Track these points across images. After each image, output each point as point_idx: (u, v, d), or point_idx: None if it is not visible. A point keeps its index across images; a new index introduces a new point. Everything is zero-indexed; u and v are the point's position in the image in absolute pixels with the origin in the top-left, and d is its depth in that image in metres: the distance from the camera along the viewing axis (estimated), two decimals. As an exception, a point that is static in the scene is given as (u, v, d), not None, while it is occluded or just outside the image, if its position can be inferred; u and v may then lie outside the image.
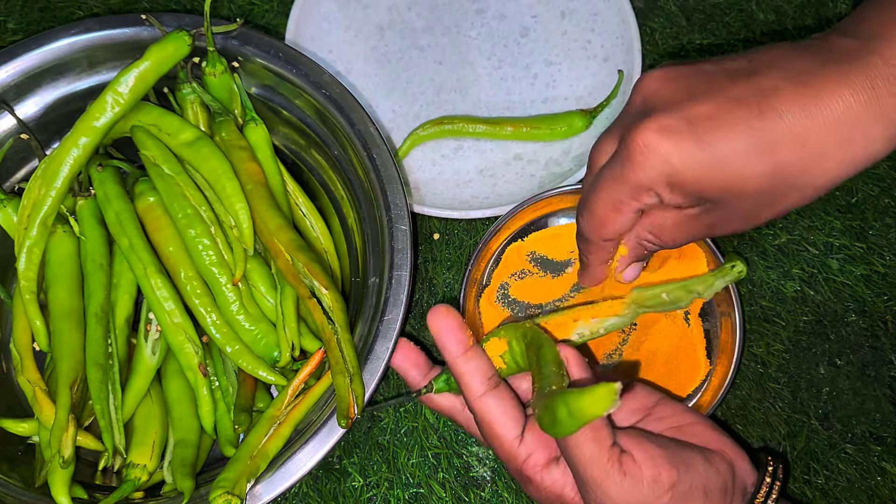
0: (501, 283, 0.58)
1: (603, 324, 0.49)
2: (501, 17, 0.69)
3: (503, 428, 0.43)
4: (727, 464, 0.43)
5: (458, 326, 0.44)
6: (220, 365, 0.54)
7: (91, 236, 0.54)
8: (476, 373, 0.43)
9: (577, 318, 0.49)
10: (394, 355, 0.48)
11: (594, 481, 0.40)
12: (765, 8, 0.68)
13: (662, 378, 0.55)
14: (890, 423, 0.57)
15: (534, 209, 0.58)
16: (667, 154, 0.36)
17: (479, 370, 0.43)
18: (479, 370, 0.43)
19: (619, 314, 0.48)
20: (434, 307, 0.44)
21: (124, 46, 0.56)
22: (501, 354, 0.45)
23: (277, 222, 0.52)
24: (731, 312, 0.55)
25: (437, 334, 0.44)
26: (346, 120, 0.54)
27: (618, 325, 0.49)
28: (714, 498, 0.41)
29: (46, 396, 0.50)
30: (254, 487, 0.48)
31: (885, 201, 0.62)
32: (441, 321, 0.44)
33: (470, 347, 0.44)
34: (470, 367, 0.44)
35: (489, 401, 0.43)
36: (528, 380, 0.46)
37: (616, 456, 0.41)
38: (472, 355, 0.44)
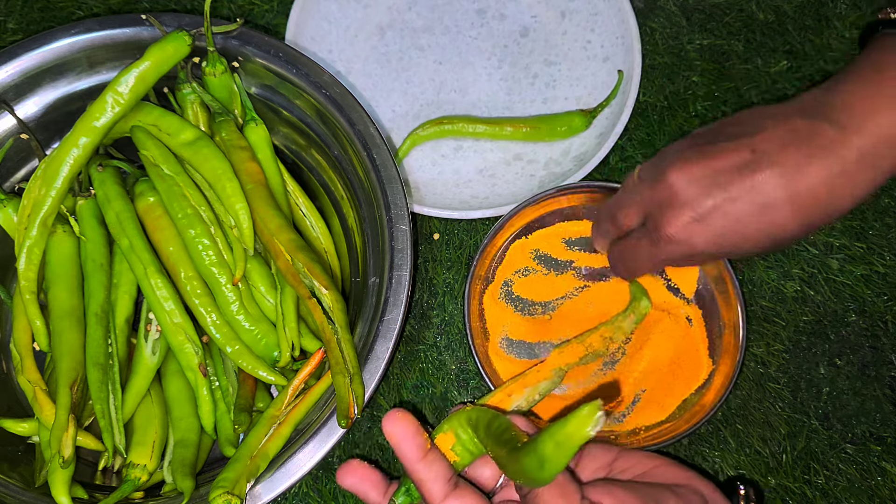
0: (505, 281, 0.58)
1: (536, 390, 0.48)
2: (501, 17, 0.69)
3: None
4: (698, 495, 0.43)
5: (415, 431, 0.43)
6: (220, 365, 0.54)
7: (91, 236, 0.54)
8: (437, 478, 0.42)
9: (510, 393, 0.48)
10: (348, 476, 0.45)
11: None
12: (765, 8, 0.68)
13: (665, 378, 0.56)
14: (890, 423, 0.57)
15: (538, 207, 0.58)
16: (689, 241, 0.46)
17: (440, 474, 0.42)
18: (439, 474, 0.42)
19: (548, 378, 0.48)
20: (389, 412, 0.43)
21: (124, 46, 0.56)
22: (452, 447, 0.43)
23: (277, 222, 0.52)
24: (732, 312, 0.55)
25: (395, 442, 0.43)
26: (346, 120, 0.54)
27: (551, 387, 0.48)
28: None
29: (46, 396, 0.50)
30: (254, 487, 0.48)
31: (885, 201, 0.62)
32: (398, 427, 0.42)
33: (428, 451, 0.43)
34: (431, 473, 0.42)
35: (452, 502, 0.42)
36: (489, 465, 0.45)
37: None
38: (430, 459, 0.43)
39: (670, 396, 0.55)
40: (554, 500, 0.40)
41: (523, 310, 0.58)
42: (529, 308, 0.58)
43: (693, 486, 0.44)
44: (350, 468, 0.45)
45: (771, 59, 0.66)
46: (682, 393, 0.55)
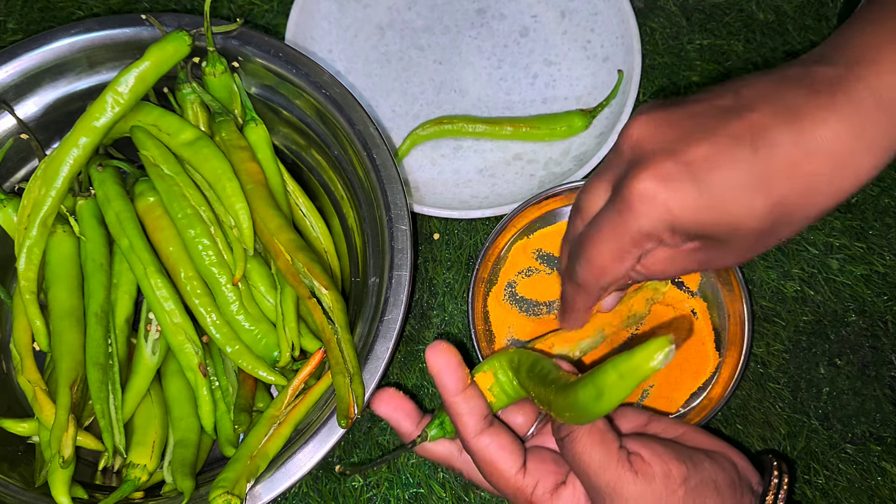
0: (508, 282, 0.58)
1: (578, 347, 0.49)
2: (501, 16, 0.69)
3: (504, 462, 0.42)
4: (730, 462, 0.43)
5: (457, 364, 0.43)
6: (220, 365, 0.54)
7: (91, 236, 0.54)
8: (473, 412, 0.43)
9: (552, 345, 0.49)
10: (383, 405, 0.45)
11: (607, 485, 0.40)
12: (765, 8, 0.68)
13: (672, 372, 0.56)
14: (890, 423, 0.57)
15: (539, 206, 0.58)
16: (667, 200, 0.36)
17: (476, 409, 0.43)
18: (476, 409, 0.43)
19: (591, 336, 0.49)
20: (433, 343, 0.43)
21: (124, 46, 0.56)
22: (489, 388, 0.44)
23: (277, 222, 0.52)
24: (738, 304, 0.55)
25: (436, 372, 0.43)
26: (346, 120, 0.54)
27: (592, 345, 0.49)
28: (724, 493, 0.41)
29: (46, 396, 0.50)
30: (254, 487, 0.48)
31: (885, 201, 0.62)
32: (441, 358, 0.42)
33: (468, 386, 0.43)
34: (468, 406, 0.43)
35: (486, 439, 0.43)
36: (522, 412, 0.46)
37: (625, 457, 0.41)
38: (469, 394, 0.43)
39: (678, 391, 0.55)
40: (593, 445, 0.40)
41: (528, 310, 0.58)
42: (534, 308, 0.58)
43: (726, 454, 0.44)
44: (386, 396, 0.45)
45: (771, 59, 0.66)
46: (689, 387, 0.56)
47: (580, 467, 0.41)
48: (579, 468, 0.41)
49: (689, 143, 0.36)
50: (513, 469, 0.42)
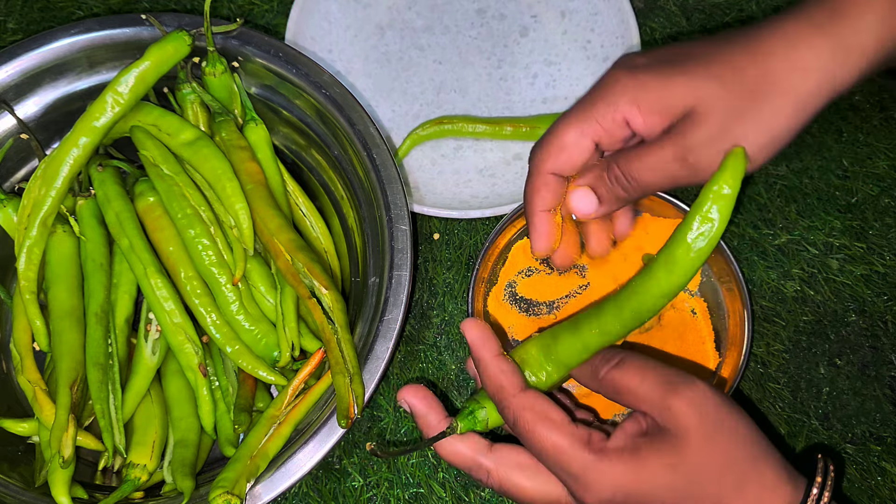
0: (508, 282, 0.58)
1: None
2: (501, 16, 0.69)
3: (556, 413, 0.41)
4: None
5: (491, 334, 0.44)
6: (220, 365, 0.54)
7: (91, 236, 0.54)
8: (516, 372, 0.42)
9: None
10: (410, 395, 0.44)
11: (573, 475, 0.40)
12: (765, 8, 0.68)
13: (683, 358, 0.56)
14: (890, 423, 0.57)
15: None
16: (628, 82, 0.40)
17: (514, 371, 0.43)
18: (514, 372, 0.43)
19: None
20: (467, 320, 0.44)
21: (124, 46, 0.56)
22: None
23: (277, 222, 0.52)
24: (738, 304, 0.55)
25: (474, 338, 0.43)
26: (346, 120, 0.54)
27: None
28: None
29: (46, 396, 0.50)
30: (254, 487, 0.48)
31: (885, 201, 0.62)
32: (476, 331, 0.44)
33: (503, 355, 0.43)
34: (510, 367, 0.43)
35: (532, 394, 0.42)
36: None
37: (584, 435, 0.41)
38: (508, 360, 0.43)
39: None
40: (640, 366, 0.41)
41: (528, 310, 0.58)
42: (534, 308, 0.58)
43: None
44: (413, 387, 0.45)
45: (771, 58, 0.66)
46: (703, 374, 0.55)
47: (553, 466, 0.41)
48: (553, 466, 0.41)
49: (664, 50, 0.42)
50: (565, 422, 0.41)
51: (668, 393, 0.40)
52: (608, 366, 0.42)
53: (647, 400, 0.41)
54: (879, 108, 0.64)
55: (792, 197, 0.62)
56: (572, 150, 0.43)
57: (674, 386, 0.40)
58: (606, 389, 0.42)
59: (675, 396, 0.40)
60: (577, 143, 0.42)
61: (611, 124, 0.41)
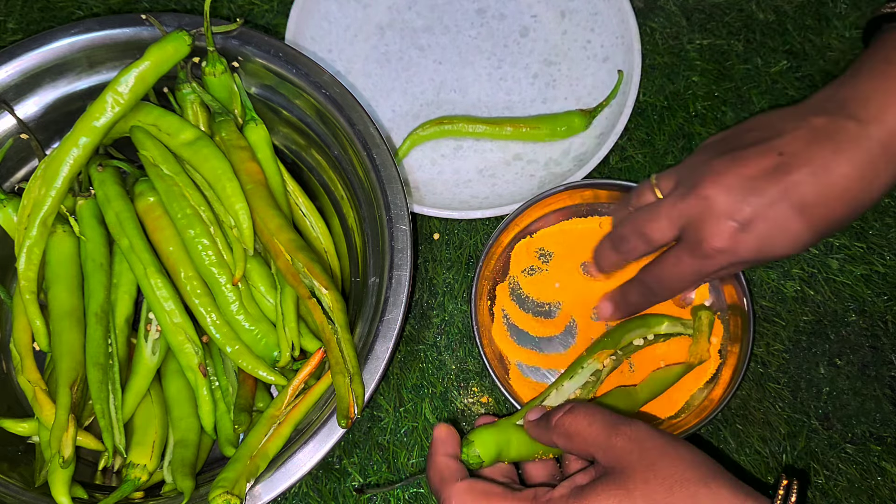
0: (511, 280, 0.58)
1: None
2: (501, 16, 0.69)
3: (495, 487, 0.45)
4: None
5: (454, 439, 0.48)
6: (220, 365, 0.54)
7: (91, 236, 0.54)
8: (459, 469, 0.46)
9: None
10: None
11: None
12: (765, 8, 0.68)
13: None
14: (890, 423, 0.57)
15: (542, 206, 0.58)
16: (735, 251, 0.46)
17: (460, 469, 0.47)
18: (460, 469, 0.47)
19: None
20: (439, 424, 0.48)
21: (124, 46, 0.56)
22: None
23: (277, 222, 0.52)
24: (740, 306, 0.55)
25: (437, 437, 0.48)
26: (346, 120, 0.54)
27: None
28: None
29: (46, 396, 0.50)
30: (254, 487, 0.48)
31: (885, 201, 0.62)
32: (445, 430, 0.48)
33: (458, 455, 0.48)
34: (454, 464, 0.47)
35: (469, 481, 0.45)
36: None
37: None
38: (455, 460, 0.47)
39: (679, 391, 0.56)
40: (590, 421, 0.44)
41: (530, 309, 0.58)
42: (536, 307, 0.58)
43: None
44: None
45: (771, 59, 0.66)
46: (690, 388, 0.56)
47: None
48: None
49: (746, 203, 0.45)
50: (506, 490, 0.44)
51: (610, 433, 0.43)
52: (560, 412, 0.45)
53: (594, 442, 0.43)
54: (879, 108, 0.64)
55: (792, 197, 0.62)
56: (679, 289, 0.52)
57: (615, 426, 0.43)
58: (560, 436, 0.45)
59: (617, 435, 0.42)
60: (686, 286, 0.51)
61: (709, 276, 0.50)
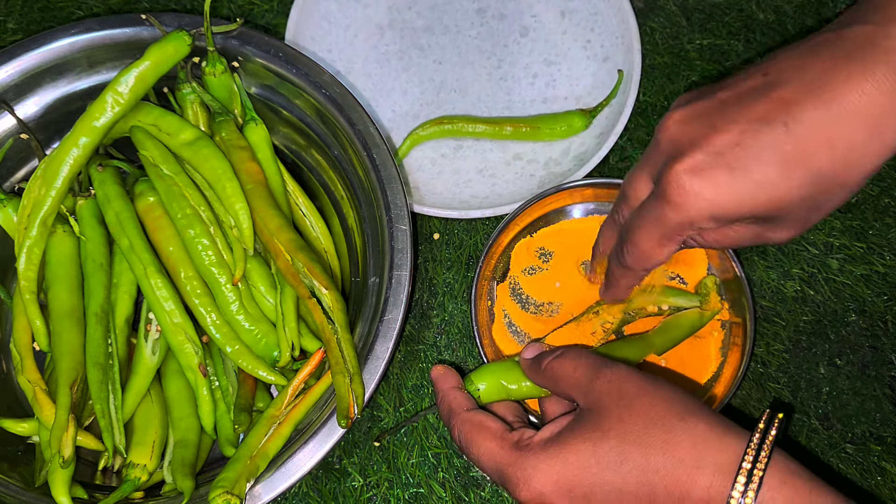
0: (512, 279, 0.58)
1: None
2: (501, 16, 0.69)
3: (492, 423, 0.45)
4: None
5: (453, 373, 0.49)
6: (220, 365, 0.54)
7: (91, 236, 0.54)
8: (466, 399, 0.47)
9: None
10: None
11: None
12: (765, 8, 0.68)
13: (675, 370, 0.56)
14: (890, 423, 0.57)
15: (542, 205, 0.58)
16: (702, 191, 0.37)
17: (467, 398, 0.48)
18: (467, 398, 0.48)
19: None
20: (435, 365, 0.50)
21: (124, 46, 0.56)
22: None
23: (277, 222, 0.52)
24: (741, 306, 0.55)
25: (436, 375, 0.49)
26: (346, 120, 0.54)
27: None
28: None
29: (46, 396, 0.50)
30: (254, 487, 0.48)
31: (885, 201, 0.62)
32: (441, 368, 0.49)
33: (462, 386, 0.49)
34: (460, 393, 0.48)
35: (472, 413, 0.46)
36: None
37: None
38: (461, 390, 0.48)
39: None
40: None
41: (531, 308, 0.58)
42: (537, 306, 0.58)
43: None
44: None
45: (771, 58, 0.66)
46: (691, 387, 0.56)
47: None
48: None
49: (718, 130, 0.37)
50: (501, 427, 0.44)
51: (592, 376, 0.42)
52: (551, 357, 0.45)
53: (577, 385, 0.43)
54: (879, 108, 0.64)
55: (792, 197, 0.62)
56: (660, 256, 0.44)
57: (597, 369, 0.42)
58: (548, 379, 0.45)
59: (597, 378, 0.42)
60: (661, 253, 0.43)
61: (688, 233, 0.41)
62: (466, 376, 0.49)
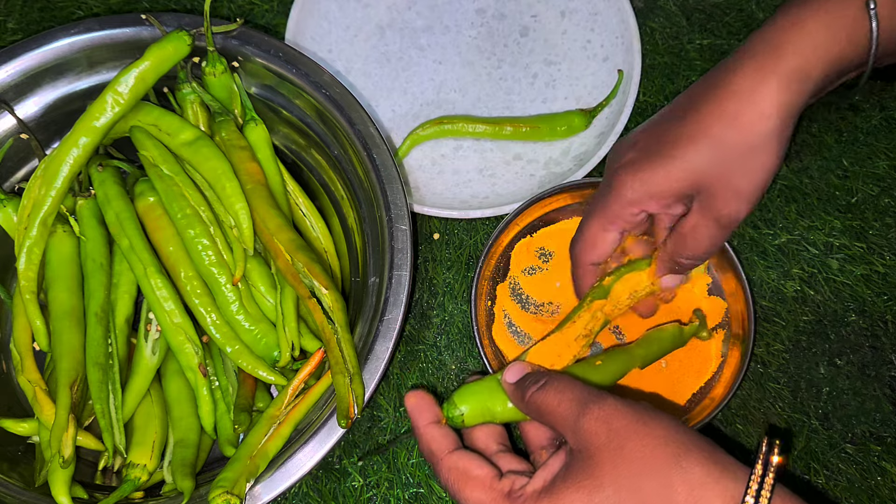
0: (512, 280, 0.58)
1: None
2: (501, 16, 0.69)
3: (479, 470, 0.44)
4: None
5: (430, 404, 0.47)
6: (220, 365, 0.54)
7: (91, 236, 0.54)
8: (444, 436, 0.46)
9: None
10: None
11: None
12: (765, 8, 0.68)
13: (675, 371, 0.56)
14: (890, 423, 0.57)
15: (542, 205, 0.58)
16: (635, 180, 0.48)
17: (446, 436, 0.46)
18: (445, 435, 0.46)
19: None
20: (409, 392, 0.47)
21: (124, 46, 0.56)
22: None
23: (277, 222, 0.52)
24: (741, 305, 0.55)
25: (411, 407, 0.47)
26: (346, 120, 0.54)
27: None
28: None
29: (46, 396, 0.50)
30: (253, 487, 0.48)
31: (885, 201, 0.62)
32: (416, 398, 0.47)
33: (440, 420, 0.47)
34: (439, 431, 0.46)
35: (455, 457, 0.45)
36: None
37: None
38: (439, 426, 0.47)
39: (680, 390, 0.56)
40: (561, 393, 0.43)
41: (531, 308, 0.58)
42: (537, 306, 0.58)
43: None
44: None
45: (771, 58, 0.66)
46: (691, 387, 0.56)
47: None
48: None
49: (644, 133, 0.49)
50: (489, 475, 0.43)
51: (579, 412, 0.41)
52: (534, 388, 0.44)
53: (563, 422, 0.42)
54: (879, 108, 0.64)
55: (792, 197, 0.62)
56: (603, 244, 0.51)
57: (584, 405, 0.41)
58: (532, 411, 0.44)
59: (584, 415, 0.40)
60: (604, 239, 0.51)
61: (630, 217, 0.49)
62: (449, 399, 0.47)
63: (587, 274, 0.52)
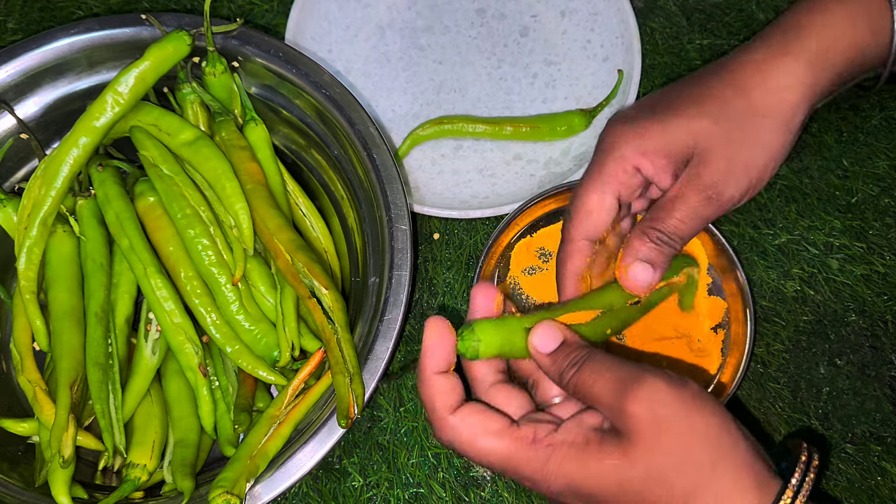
0: (512, 280, 0.58)
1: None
2: (501, 16, 0.69)
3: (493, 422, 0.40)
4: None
5: (447, 347, 0.41)
6: (220, 365, 0.54)
7: (91, 236, 0.54)
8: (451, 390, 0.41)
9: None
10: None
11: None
12: (765, 8, 0.68)
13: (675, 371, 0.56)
14: (890, 423, 0.57)
15: (542, 205, 0.58)
16: (629, 133, 0.45)
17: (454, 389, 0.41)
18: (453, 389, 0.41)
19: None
20: (431, 318, 0.41)
21: (124, 46, 0.56)
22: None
23: (277, 222, 0.52)
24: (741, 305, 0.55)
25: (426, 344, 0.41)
26: (346, 120, 0.54)
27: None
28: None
29: (46, 396, 0.50)
30: (253, 487, 0.48)
31: (885, 201, 0.62)
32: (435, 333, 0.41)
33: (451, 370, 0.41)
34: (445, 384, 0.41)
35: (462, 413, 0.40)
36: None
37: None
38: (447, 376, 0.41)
39: None
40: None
41: (530, 308, 0.58)
42: (537, 306, 0.58)
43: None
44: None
45: (771, 58, 0.66)
46: (701, 377, 0.55)
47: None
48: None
49: (647, 99, 0.48)
50: (505, 424, 0.40)
51: (620, 395, 0.38)
52: (572, 370, 0.41)
53: (602, 403, 0.39)
54: (879, 108, 0.64)
55: (792, 197, 0.62)
56: (599, 211, 0.46)
57: (626, 387, 0.38)
58: (571, 392, 0.41)
59: (627, 399, 0.38)
60: (601, 204, 0.46)
61: (624, 175, 0.45)
62: (468, 326, 0.41)
63: (578, 251, 0.46)
